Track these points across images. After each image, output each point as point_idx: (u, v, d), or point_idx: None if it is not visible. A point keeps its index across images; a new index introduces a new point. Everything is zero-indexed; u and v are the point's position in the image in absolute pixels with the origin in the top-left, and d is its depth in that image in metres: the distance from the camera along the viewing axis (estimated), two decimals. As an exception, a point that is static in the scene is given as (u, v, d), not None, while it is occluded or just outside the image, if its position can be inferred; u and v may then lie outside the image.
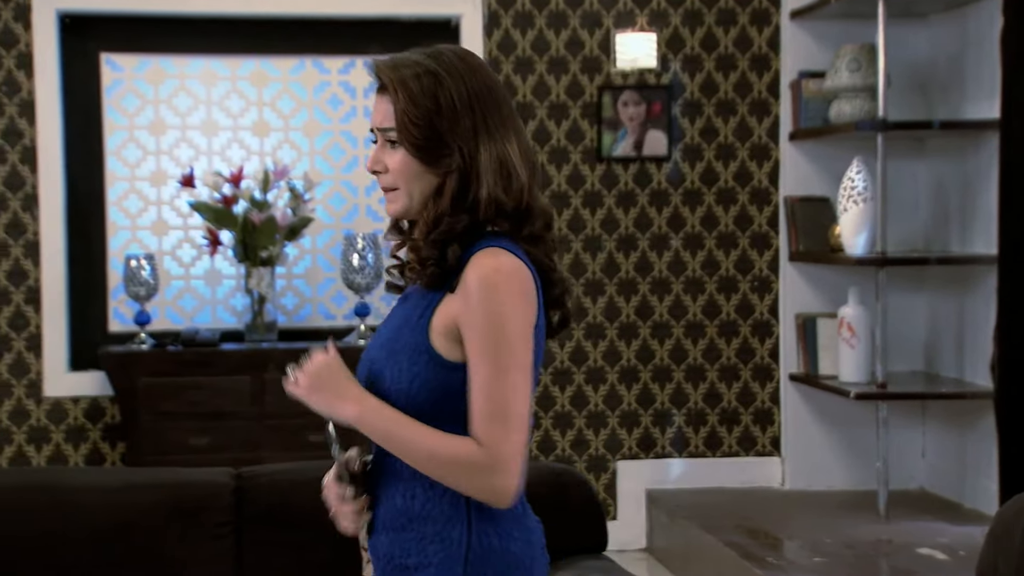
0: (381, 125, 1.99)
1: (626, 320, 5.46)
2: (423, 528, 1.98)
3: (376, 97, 2.01)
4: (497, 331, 1.90)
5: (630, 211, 5.44)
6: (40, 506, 2.93)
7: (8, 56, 5.02)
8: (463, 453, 1.91)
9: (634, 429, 5.48)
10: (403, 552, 1.98)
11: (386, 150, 1.99)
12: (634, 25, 5.31)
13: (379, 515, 2.02)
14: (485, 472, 1.90)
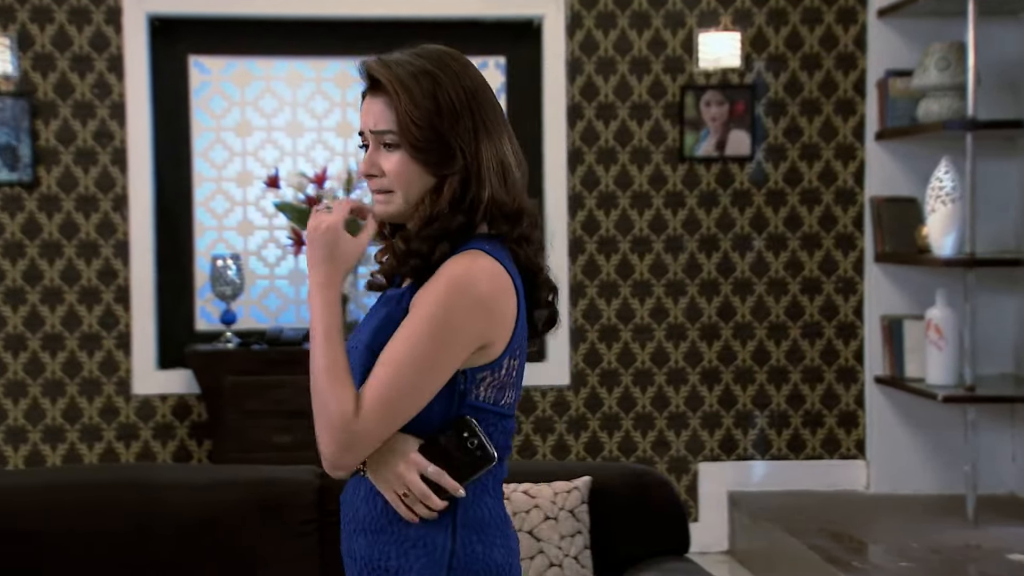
0: (376, 127, 1.93)
1: (708, 321, 5.42)
2: (404, 531, 1.92)
3: (367, 98, 1.95)
4: (431, 325, 1.86)
5: (712, 211, 5.40)
6: (128, 502, 2.98)
7: (100, 59, 5.11)
8: (342, 405, 1.85)
9: (716, 431, 5.44)
10: (383, 555, 1.92)
11: (381, 153, 1.93)
12: (717, 25, 5.27)
13: (357, 517, 1.96)
14: (341, 436, 1.86)
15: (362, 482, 1.96)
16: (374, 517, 1.94)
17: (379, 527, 1.93)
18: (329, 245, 1.90)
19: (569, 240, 5.34)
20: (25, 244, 5.10)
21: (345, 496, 2.01)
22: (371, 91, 1.94)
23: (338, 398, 1.85)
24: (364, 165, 1.94)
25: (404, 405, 1.87)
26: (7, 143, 5.04)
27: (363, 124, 1.95)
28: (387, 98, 1.92)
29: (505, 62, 5.43)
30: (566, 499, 3.04)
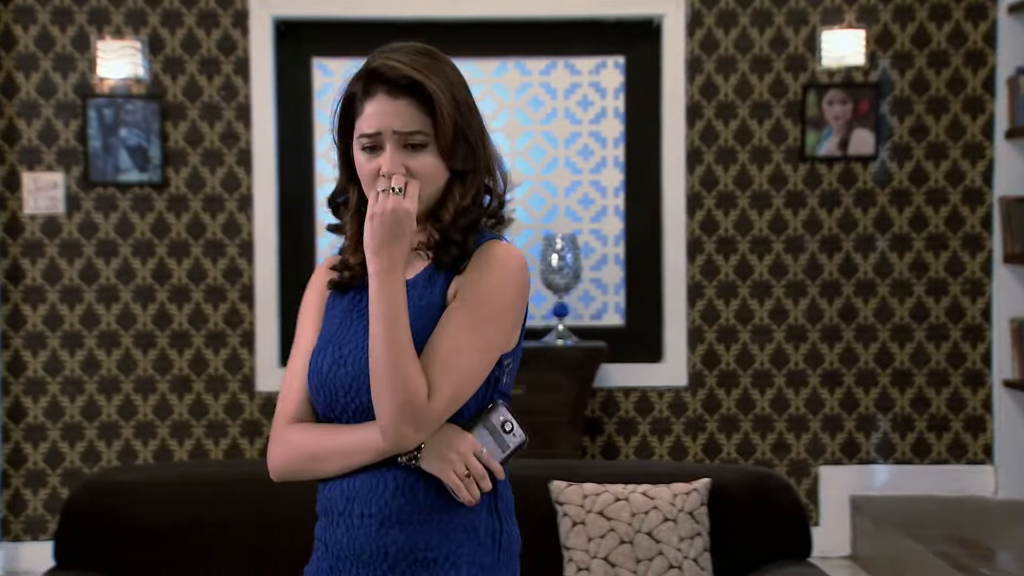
0: (405, 128, 1.92)
1: (829, 323, 5.33)
2: (450, 519, 1.94)
3: (382, 98, 1.93)
4: (491, 309, 1.93)
5: (834, 211, 5.31)
6: (252, 496, 3.03)
7: (227, 62, 5.22)
8: (418, 387, 1.86)
9: (837, 434, 5.35)
10: (426, 545, 1.93)
11: (404, 152, 1.93)
12: (841, 22, 5.19)
13: (388, 511, 1.94)
14: (415, 417, 1.87)
15: (386, 476, 1.94)
16: (413, 508, 1.93)
17: (421, 517, 1.93)
18: (400, 229, 1.89)
19: (687, 240, 5.30)
20: (154, 243, 5.23)
21: (356, 492, 1.96)
22: (388, 91, 1.93)
23: (414, 380, 1.87)
24: (390, 165, 1.91)
25: (467, 388, 1.92)
26: (138, 144, 5.17)
27: (380, 124, 1.93)
28: (411, 98, 1.92)
29: (624, 62, 5.40)
30: (685, 501, 3.02)
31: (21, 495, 5.22)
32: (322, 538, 2.00)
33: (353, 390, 1.95)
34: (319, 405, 2.00)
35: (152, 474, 3.40)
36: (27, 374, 5.21)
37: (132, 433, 5.24)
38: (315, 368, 1.99)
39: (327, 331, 2.03)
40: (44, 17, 5.16)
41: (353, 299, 2.03)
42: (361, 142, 1.95)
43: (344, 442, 1.94)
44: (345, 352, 1.97)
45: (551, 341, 5.03)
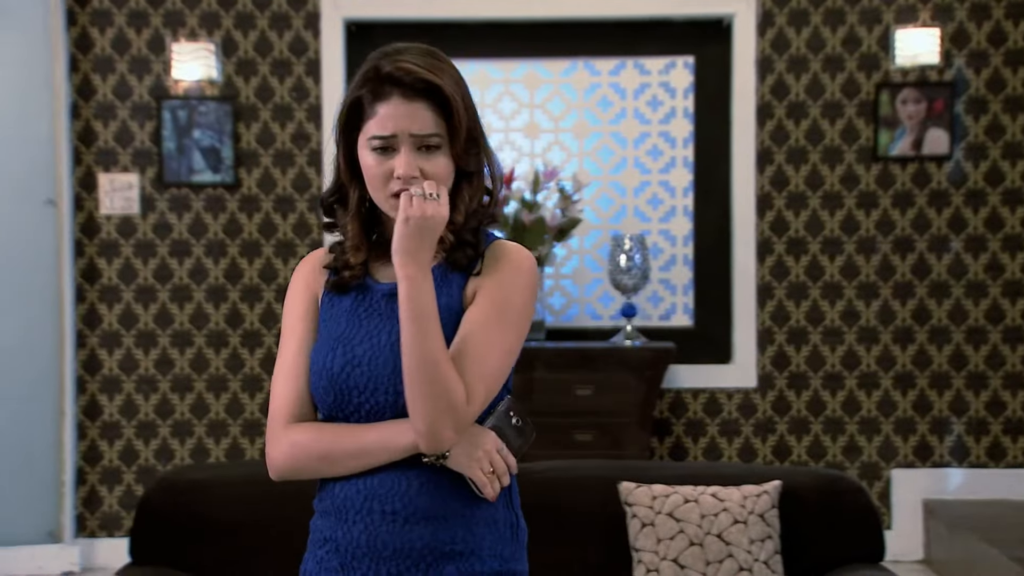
0: (421, 131, 1.93)
1: (901, 324, 5.27)
2: (472, 513, 1.97)
3: (398, 101, 1.92)
4: (515, 308, 1.97)
5: (907, 212, 5.25)
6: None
7: (298, 63, 5.27)
8: (458, 388, 1.89)
9: (910, 436, 5.29)
10: (450, 540, 1.95)
11: (419, 155, 1.94)
12: (916, 21, 5.12)
13: (412, 508, 1.95)
14: (457, 418, 1.89)
15: (408, 474, 1.96)
16: (437, 505, 1.95)
17: (446, 513, 1.96)
18: (433, 233, 1.90)
19: (757, 241, 5.27)
20: (227, 243, 5.29)
21: (375, 491, 1.96)
22: (403, 94, 1.93)
23: (455, 383, 1.89)
24: (407, 167, 1.92)
25: (496, 388, 1.96)
26: (211, 146, 5.24)
27: (396, 127, 1.93)
28: (427, 101, 1.93)
29: (693, 61, 5.38)
30: (756, 503, 3.00)
31: (97, 492, 5.31)
32: (331, 537, 1.99)
33: (368, 390, 1.96)
34: (325, 405, 2.00)
35: (225, 472, 3.44)
36: (103, 372, 5.30)
37: (204, 431, 5.31)
38: (323, 368, 1.99)
39: (331, 331, 2.02)
40: (120, 20, 5.24)
41: (357, 299, 2.03)
42: (372, 143, 1.95)
43: (364, 442, 1.95)
44: (359, 353, 1.97)
45: (619, 342, 5.02)
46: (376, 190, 1.97)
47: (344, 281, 2.04)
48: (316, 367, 2.00)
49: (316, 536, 2.03)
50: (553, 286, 5.42)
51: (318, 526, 2.03)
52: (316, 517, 2.04)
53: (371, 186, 1.98)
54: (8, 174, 5.11)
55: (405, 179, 1.92)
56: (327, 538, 2.00)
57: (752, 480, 3.07)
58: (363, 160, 1.98)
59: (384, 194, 1.95)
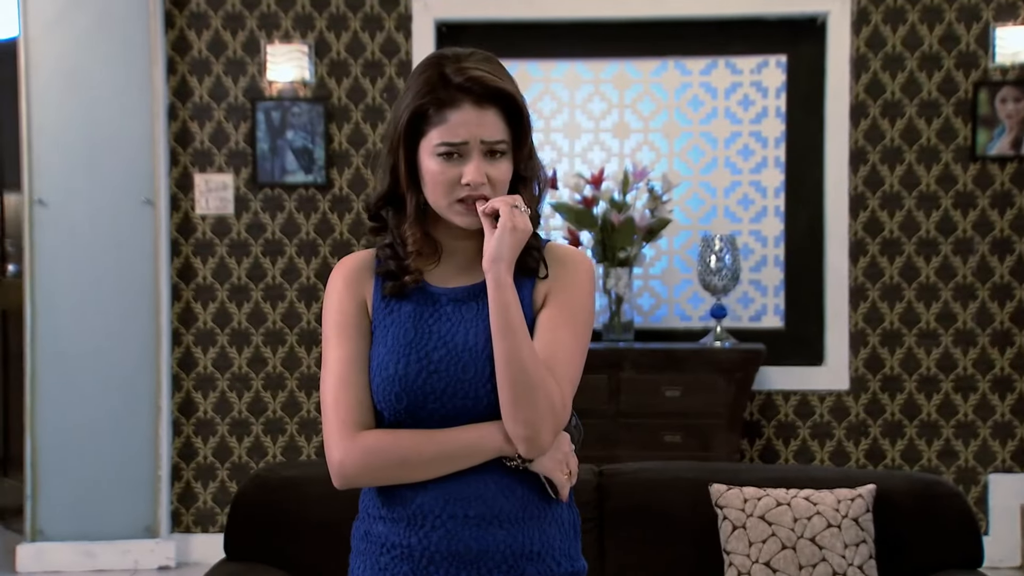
0: (491, 137, 1.95)
1: (1000, 327, 5.17)
2: (544, 514, 2.00)
3: (470, 108, 1.94)
4: (583, 308, 2.01)
5: (1006, 213, 5.14)
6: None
7: (390, 65, 5.30)
8: (557, 393, 1.93)
9: (1008, 441, 5.18)
10: (528, 541, 1.97)
11: (486, 161, 1.96)
12: (1016, 18, 5.02)
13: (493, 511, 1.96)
14: (558, 423, 1.93)
15: (486, 478, 1.97)
16: (515, 507, 1.98)
17: (523, 516, 1.98)
18: (522, 246, 1.96)
19: (850, 242, 5.20)
20: (318, 243, 5.34)
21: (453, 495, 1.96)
22: (475, 101, 1.95)
23: (553, 387, 1.93)
24: (477, 175, 1.95)
25: (575, 389, 2.00)
26: (303, 146, 5.29)
27: (468, 134, 1.95)
28: (497, 108, 1.96)
29: (786, 60, 5.32)
30: (850, 507, 2.96)
31: (192, 488, 5.40)
32: (399, 543, 1.98)
33: (445, 396, 1.96)
34: (394, 411, 1.98)
35: (316, 469, 3.46)
36: (197, 370, 5.38)
37: (296, 429, 5.37)
38: (396, 375, 1.97)
39: (399, 338, 2.01)
40: (217, 22, 5.32)
41: (420, 304, 2.03)
42: (438, 150, 1.96)
43: (447, 447, 1.95)
44: (435, 359, 1.97)
45: (709, 343, 4.99)
46: (441, 196, 1.98)
47: (403, 286, 2.03)
48: (387, 373, 1.98)
49: (375, 542, 2.01)
50: (642, 287, 5.40)
51: (379, 532, 2.01)
52: (374, 523, 2.02)
53: (434, 192, 1.99)
54: (107, 174, 5.22)
55: (475, 186, 1.95)
56: (394, 544, 1.99)
57: (846, 484, 3.03)
58: (427, 166, 1.98)
59: (448, 200, 1.98)
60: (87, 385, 5.21)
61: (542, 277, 2.03)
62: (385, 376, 1.98)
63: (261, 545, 3.04)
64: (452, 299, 2.03)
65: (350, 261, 2.10)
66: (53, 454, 5.21)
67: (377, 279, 2.06)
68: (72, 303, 5.21)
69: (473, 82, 1.94)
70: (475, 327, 1.99)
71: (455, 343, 1.98)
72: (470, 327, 1.99)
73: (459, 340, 1.99)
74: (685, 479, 3.09)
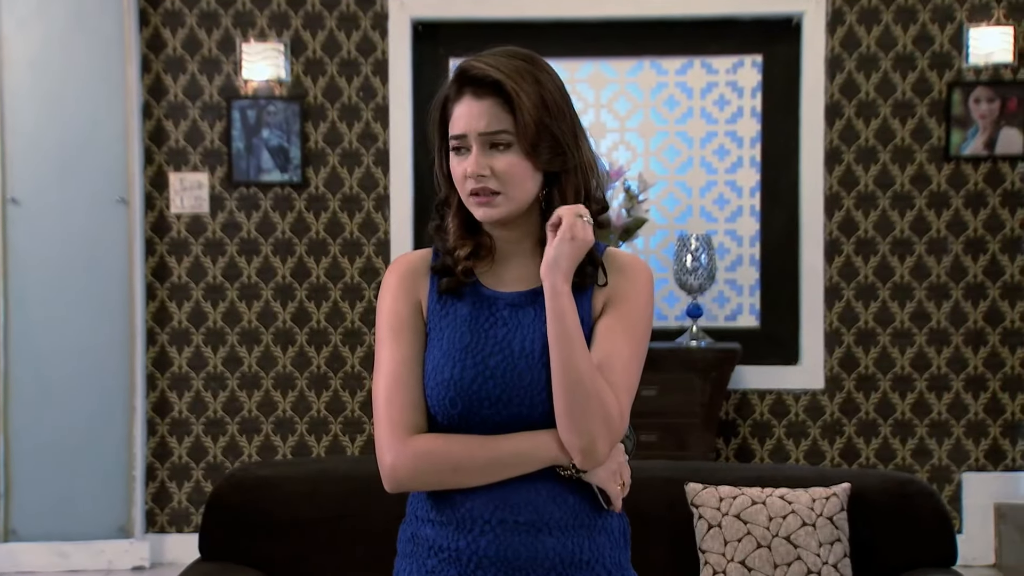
0: (488, 128, 1.93)
1: (973, 326, 5.20)
2: (593, 523, 1.99)
3: (467, 100, 1.95)
4: (642, 317, 1.99)
5: (980, 213, 5.18)
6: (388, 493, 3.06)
7: (366, 64, 5.30)
8: (613, 402, 1.92)
9: (981, 440, 5.21)
10: (577, 549, 1.97)
11: (489, 154, 1.95)
12: (990, 18, 5.05)
13: (544, 518, 1.96)
14: (614, 432, 1.92)
15: (538, 486, 1.96)
16: (566, 515, 1.97)
17: (574, 524, 1.98)
18: (582, 256, 1.93)
19: (825, 241, 5.22)
20: (294, 242, 5.33)
21: (503, 501, 1.96)
22: (473, 93, 1.95)
23: (611, 397, 1.91)
24: (475, 166, 1.94)
25: (633, 399, 1.99)
26: (279, 145, 5.28)
27: (466, 127, 1.95)
28: (496, 99, 1.94)
29: (761, 60, 5.35)
30: (824, 506, 2.97)
31: (166, 488, 5.38)
32: (448, 547, 1.97)
33: (501, 402, 1.95)
34: (447, 416, 1.97)
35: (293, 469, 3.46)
36: (172, 370, 5.36)
37: (272, 429, 5.36)
38: (451, 379, 1.96)
39: (454, 341, 1.99)
40: (191, 20, 5.30)
41: (476, 307, 2.02)
42: (451, 144, 1.98)
43: (500, 454, 1.94)
44: (492, 364, 1.96)
45: (684, 342, 5.00)
46: (462, 191, 1.99)
47: (459, 284, 2.02)
48: (442, 377, 1.96)
49: (422, 545, 2.01)
50: (619, 286, 5.40)
51: (427, 535, 2.00)
52: (422, 526, 2.01)
53: (459, 188, 2.00)
54: (81, 173, 5.19)
55: (474, 177, 1.94)
56: (442, 547, 1.98)
57: (820, 483, 3.04)
58: (451, 165, 2.01)
59: (464, 194, 1.98)
60: (60, 384, 5.19)
61: (601, 285, 2.01)
62: (440, 380, 1.96)
63: (236, 545, 3.03)
64: (509, 303, 2.01)
65: (405, 260, 2.09)
66: (26, 453, 5.18)
67: (433, 279, 2.04)
68: (46, 302, 5.19)
69: (473, 72, 1.95)
70: (532, 333, 1.98)
71: (512, 349, 1.97)
72: (527, 333, 1.98)
73: (516, 346, 1.97)
74: (661, 478, 3.10)
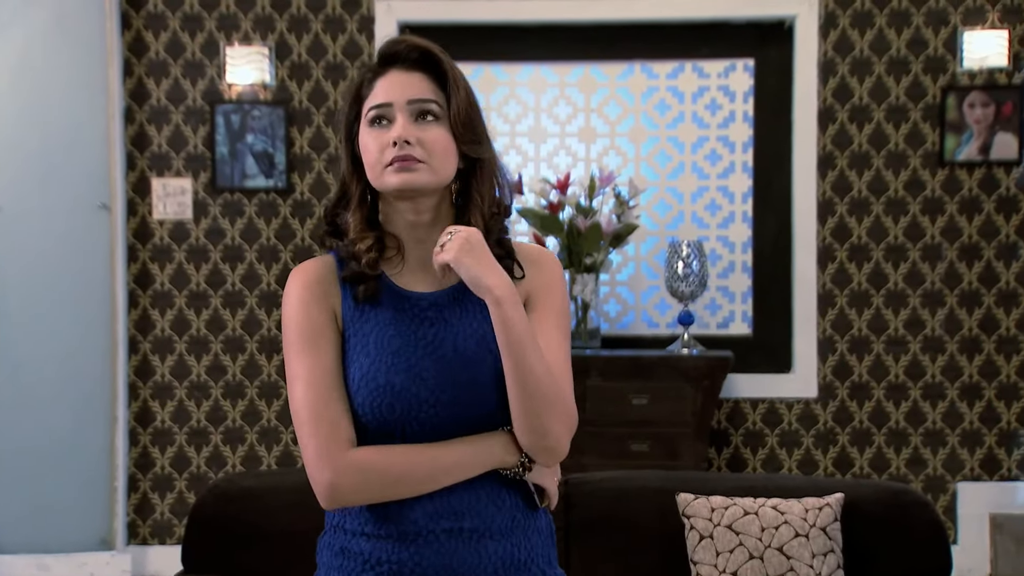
0: (419, 96, 1.96)
1: (968, 334, 5.21)
2: (527, 523, 2.02)
3: (396, 72, 1.98)
4: (564, 310, 2.05)
5: (974, 219, 5.19)
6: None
7: (352, 67, 5.29)
8: (571, 399, 1.96)
9: (976, 449, 5.22)
10: (516, 550, 1.99)
11: (418, 124, 1.96)
12: (984, 22, 5.07)
13: (485, 522, 1.96)
14: (572, 427, 1.95)
15: (478, 491, 1.97)
16: (505, 518, 1.99)
17: (512, 526, 2.00)
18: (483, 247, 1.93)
19: (819, 247, 5.23)
20: (279, 249, 5.33)
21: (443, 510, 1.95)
22: (403, 66, 1.98)
23: (565, 393, 1.95)
24: (402, 130, 1.93)
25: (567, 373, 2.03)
26: (264, 150, 5.28)
27: (392, 95, 1.96)
28: (425, 73, 1.97)
29: (753, 64, 5.36)
30: (818, 516, 2.97)
31: (149, 499, 5.37)
32: (388, 559, 1.94)
33: (438, 404, 1.94)
34: (385, 422, 1.94)
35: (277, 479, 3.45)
36: (155, 379, 5.35)
37: (256, 438, 5.35)
38: (386, 384, 1.93)
39: (383, 344, 1.96)
40: (175, 24, 5.30)
41: (398, 310, 1.99)
42: (369, 116, 1.97)
43: (445, 463, 1.92)
44: (426, 366, 1.95)
45: (676, 350, 5.00)
46: (374, 164, 1.96)
47: (376, 289, 1.99)
48: (376, 383, 1.93)
49: (354, 559, 1.98)
50: (609, 293, 5.41)
51: (361, 549, 1.97)
52: (353, 539, 1.99)
53: (369, 166, 1.98)
54: (62, 178, 5.18)
55: (400, 143, 1.92)
56: (380, 560, 1.95)
57: (814, 492, 3.04)
58: (363, 142, 1.98)
59: (382, 166, 1.95)
60: (41, 394, 5.17)
61: (519, 278, 2.03)
62: (374, 386, 1.93)
63: (220, 557, 3.02)
64: (432, 303, 2.00)
65: (312, 269, 2.04)
66: (6, 464, 5.17)
67: (345, 287, 2.01)
68: (26, 309, 5.17)
69: (400, 47, 1.99)
70: (463, 331, 1.98)
71: (444, 349, 1.96)
72: (457, 332, 1.98)
73: (448, 346, 1.96)
74: (652, 488, 3.10)
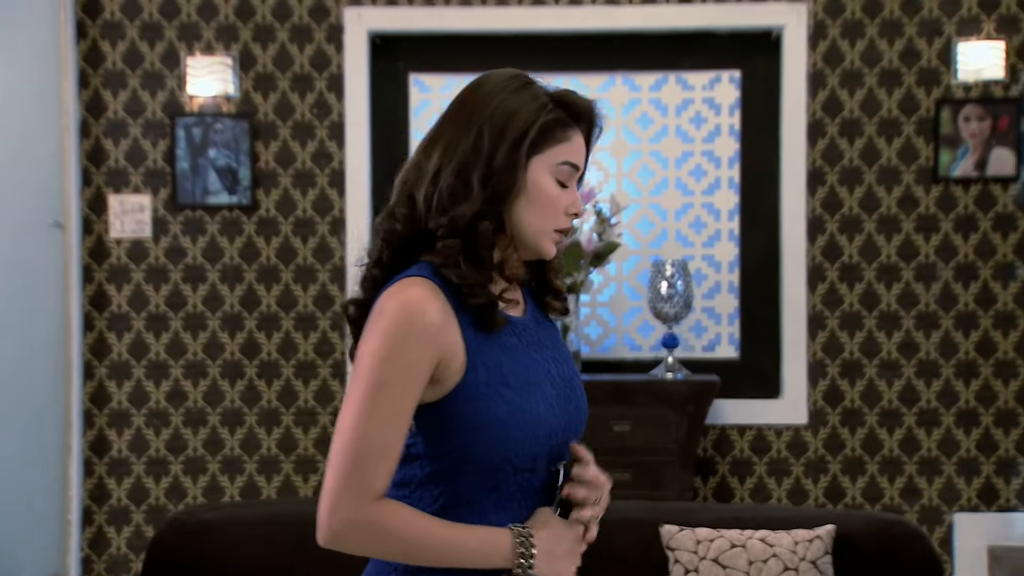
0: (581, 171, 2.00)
1: (964, 357, 5.23)
2: None
3: (580, 138, 1.97)
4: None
5: (970, 237, 5.22)
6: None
7: (320, 79, 5.29)
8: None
9: (974, 478, 5.24)
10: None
11: None
12: (979, 32, 5.11)
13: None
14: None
15: None
16: None
17: None
18: None
19: (808, 267, 5.25)
20: (243, 269, 5.31)
21: None
22: (584, 132, 1.97)
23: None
24: (580, 206, 1.97)
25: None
26: (227, 165, 5.27)
27: (581, 162, 1.97)
28: None
29: (740, 76, 5.38)
30: (808, 549, 2.97)
31: (104, 533, 5.33)
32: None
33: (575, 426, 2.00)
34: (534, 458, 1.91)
35: (240, 512, 3.43)
36: (111, 406, 5.32)
37: (219, 468, 5.32)
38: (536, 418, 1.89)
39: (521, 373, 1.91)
40: (133, 33, 5.29)
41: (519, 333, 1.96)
42: (561, 170, 1.94)
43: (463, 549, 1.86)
44: (580, 392, 2.00)
45: (660, 374, 5.00)
46: (548, 220, 1.94)
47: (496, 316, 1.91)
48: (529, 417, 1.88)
49: None
50: (589, 315, 5.41)
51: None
52: None
53: (543, 214, 1.94)
54: (13, 195, 5.16)
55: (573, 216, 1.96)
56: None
57: (804, 524, 3.05)
58: (541, 185, 1.92)
59: (553, 225, 1.94)
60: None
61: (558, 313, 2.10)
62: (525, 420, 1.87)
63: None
64: (524, 327, 1.98)
65: (431, 304, 1.87)
66: (-47, 497, 5.13)
67: (462, 316, 1.88)
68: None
69: (593, 112, 1.97)
70: (564, 354, 2.04)
71: (569, 374, 2.00)
72: (560, 357, 2.01)
73: (568, 371, 2.01)
74: (634, 519, 3.10)
